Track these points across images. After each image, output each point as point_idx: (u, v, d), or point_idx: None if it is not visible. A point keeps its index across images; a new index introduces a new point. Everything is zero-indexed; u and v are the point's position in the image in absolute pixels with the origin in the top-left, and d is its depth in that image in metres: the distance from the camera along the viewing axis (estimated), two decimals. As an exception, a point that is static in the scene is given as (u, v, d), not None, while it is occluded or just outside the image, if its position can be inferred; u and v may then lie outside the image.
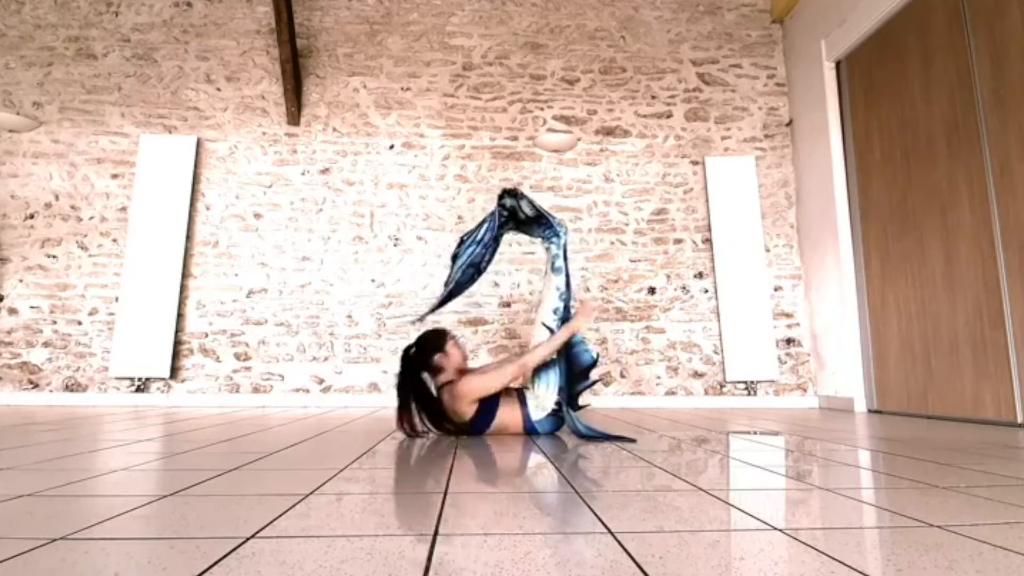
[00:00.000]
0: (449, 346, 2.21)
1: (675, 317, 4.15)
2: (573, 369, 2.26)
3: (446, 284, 2.40)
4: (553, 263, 2.36)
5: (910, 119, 3.34)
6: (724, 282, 4.14)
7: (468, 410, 2.11)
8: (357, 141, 4.28)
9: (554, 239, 2.38)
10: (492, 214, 2.38)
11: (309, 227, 4.15)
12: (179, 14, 4.37)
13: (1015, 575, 0.70)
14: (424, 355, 2.18)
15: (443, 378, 2.17)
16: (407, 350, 2.21)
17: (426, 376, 2.19)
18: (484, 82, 4.41)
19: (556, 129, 4.34)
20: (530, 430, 2.19)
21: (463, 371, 2.23)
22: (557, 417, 2.21)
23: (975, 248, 2.89)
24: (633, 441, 2.02)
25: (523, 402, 2.19)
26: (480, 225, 2.39)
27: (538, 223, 2.42)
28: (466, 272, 2.36)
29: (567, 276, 2.34)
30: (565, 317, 2.29)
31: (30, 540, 0.81)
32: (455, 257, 2.37)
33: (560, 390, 2.18)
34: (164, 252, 3.96)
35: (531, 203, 2.39)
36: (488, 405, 2.14)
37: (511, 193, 2.38)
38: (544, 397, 2.18)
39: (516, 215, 2.40)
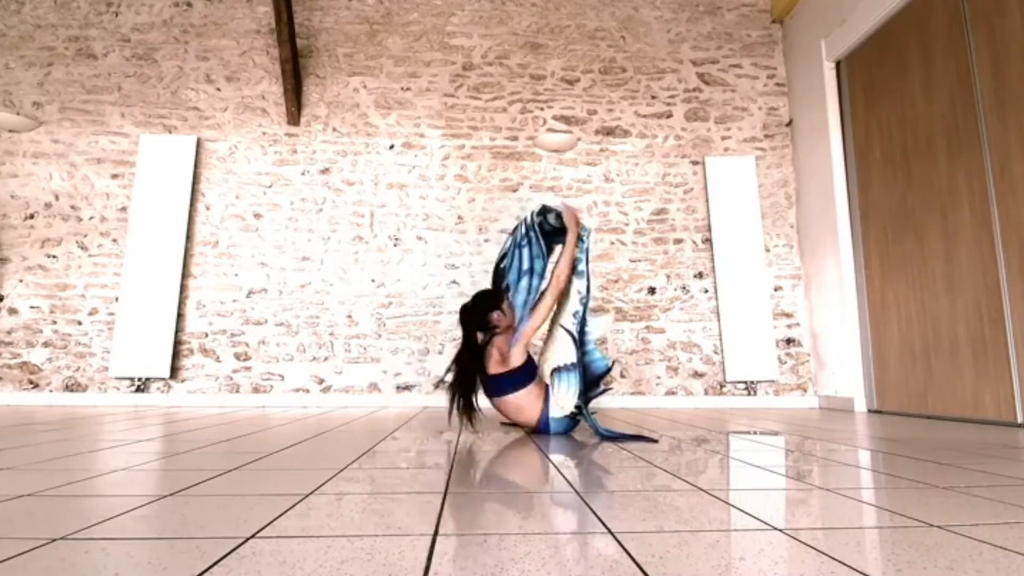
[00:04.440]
0: (504, 305, 2.28)
1: (675, 317, 4.15)
2: (588, 377, 2.29)
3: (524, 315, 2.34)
4: (575, 267, 2.37)
5: (910, 119, 3.34)
6: (724, 282, 4.14)
7: (519, 358, 2.19)
8: (357, 141, 4.28)
9: (577, 244, 2.39)
10: (523, 238, 2.39)
11: (309, 227, 4.15)
12: (179, 14, 4.37)
13: (1015, 575, 0.70)
14: (484, 312, 2.26)
15: (495, 333, 2.25)
16: (465, 307, 2.29)
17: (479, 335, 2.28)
18: (484, 82, 4.41)
19: (556, 129, 4.34)
20: (543, 426, 2.21)
21: (510, 330, 2.29)
22: (572, 420, 2.24)
23: (975, 248, 2.89)
24: (655, 441, 2.02)
25: (546, 398, 2.21)
26: (513, 251, 2.39)
27: (563, 232, 2.44)
28: (530, 288, 2.33)
29: (588, 279, 2.36)
30: (584, 320, 2.31)
31: (30, 540, 0.81)
32: (507, 287, 2.36)
33: (579, 393, 2.20)
34: (164, 252, 3.96)
35: (558, 215, 2.43)
36: (531, 365, 2.25)
37: (540, 211, 2.44)
38: (564, 398, 2.19)
39: (543, 227, 2.44)
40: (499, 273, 2.46)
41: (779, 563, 0.74)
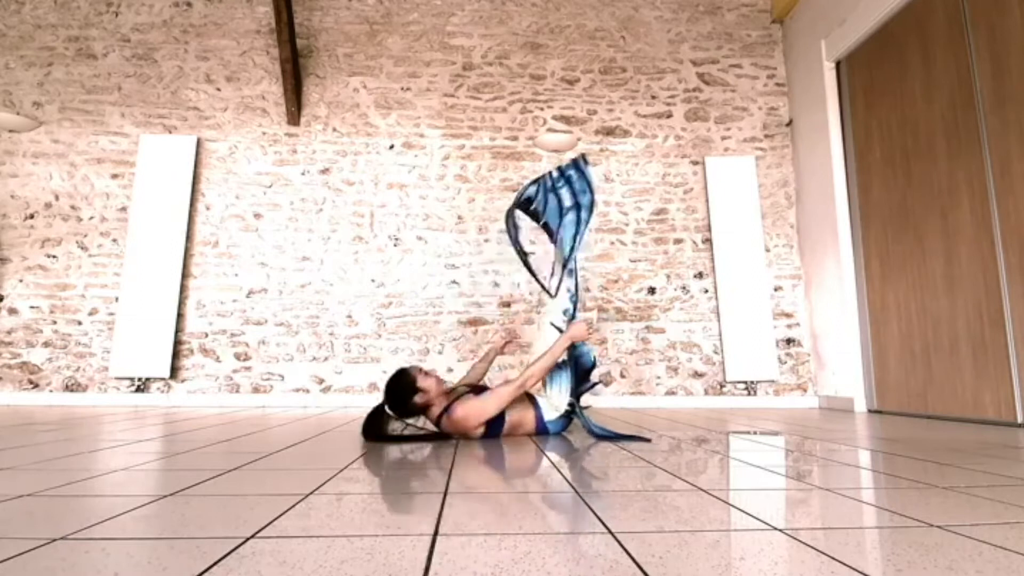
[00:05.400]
0: (420, 381, 2.05)
1: (675, 317, 4.15)
2: (577, 372, 2.27)
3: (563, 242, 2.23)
4: (566, 264, 2.36)
5: (910, 119, 3.34)
6: (724, 282, 4.14)
7: (476, 431, 2.05)
8: (357, 141, 4.28)
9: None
10: (557, 180, 2.30)
11: (309, 227, 4.15)
12: (179, 14, 4.37)
13: (1015, 575, 0.70)
14: (404, 404, 2.05)
15: (436, 410, 2.06)
16: (378, 409, 2.07)
17: (418, 419, 2.12)
18: (484, 82, 4.41)
19: (556, 129, 4.34)
20: (542, 430, 2.20)
21: (448, 394, 2.13)
22: (567, 418, 2.24)
23: (975, 248, 2.88)
24: (648, 440, 2.03)
25: (535, 404, 2.20)
26: (546, 197, 2.30)
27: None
28: (578, 220, 2.22)
29: (576, 278, 2.34)
30: (573, 318, 2.30)
31: (30, 540, 0.81)
32: (545, 224, 2.25)
33: (571, 391, 2.20)
34: (164, 252, 3.96)
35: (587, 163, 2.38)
36: (495, 420, 2.07)
37: (579, 159, 2.36)
38: (557, 399, 2.19)
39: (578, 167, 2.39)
40: (533, 214, 2.35)
41: (779, 563, 0.74)
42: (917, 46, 3.28)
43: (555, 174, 2.37)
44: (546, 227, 2.32)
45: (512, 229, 2.45)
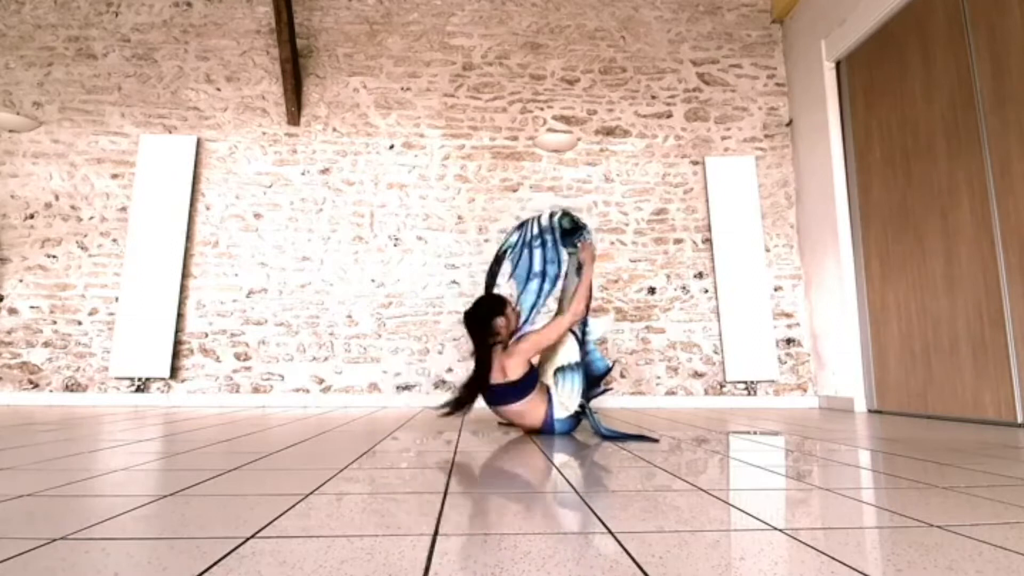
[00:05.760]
0: (508, 311, 2.28)
1: (675, 317, 4.15)
2: (587, 377, 2.30)
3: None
4: (579, 266, 2.39)
5: (910, 119, 3.34)
6: (724, 282, 4.14)
7: (518, 371, 2.14)
8: (357, 141, 4.28)
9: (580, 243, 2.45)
10: (535, 238, 2.40)
11: (309, 227, 4.15)
12: (179, 14, 4.37)
13: (1015, 575, 0.70)
14: (488, 316, 2.24)
15: (497, 340, 2.24)
16: (467, 314, 2.28)
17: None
18: (484, 82, 4.41)
19: (556, 129, 4.34)
20: (548, 427, 2.21)
21: (512, 340, 2.28)
22: (576, 419, 2.25)
23: (975, 248, 2.88)
24: (656, 440, 2.03)
25: (550, 400, 2.22)
26: (521, 249, 2.42)
27: (572, 234, 2.49)
28: (540, 291, 2.35)
29: (590, 279, 2.40)
30: (585, 320, 2.35)
31: (30, 540, 0.81)
32: (502, 286, 2.38)
33: (582, 392, 2.21)
34: (164, 252, 3.96)
35: (571, 218, 2.47)
36: (533, 375, 2.19)
37: (563, 215, 2.46)
38: (568, 398, 2.21)
39: (562, 227, 2.49)
40: (498, 261, 2.47)
41: (779, 563, 0.74)
42: (917, 46, 3.28)
43: (535, 229, 2.44)
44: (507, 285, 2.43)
45: (490, 277, 2.55)
